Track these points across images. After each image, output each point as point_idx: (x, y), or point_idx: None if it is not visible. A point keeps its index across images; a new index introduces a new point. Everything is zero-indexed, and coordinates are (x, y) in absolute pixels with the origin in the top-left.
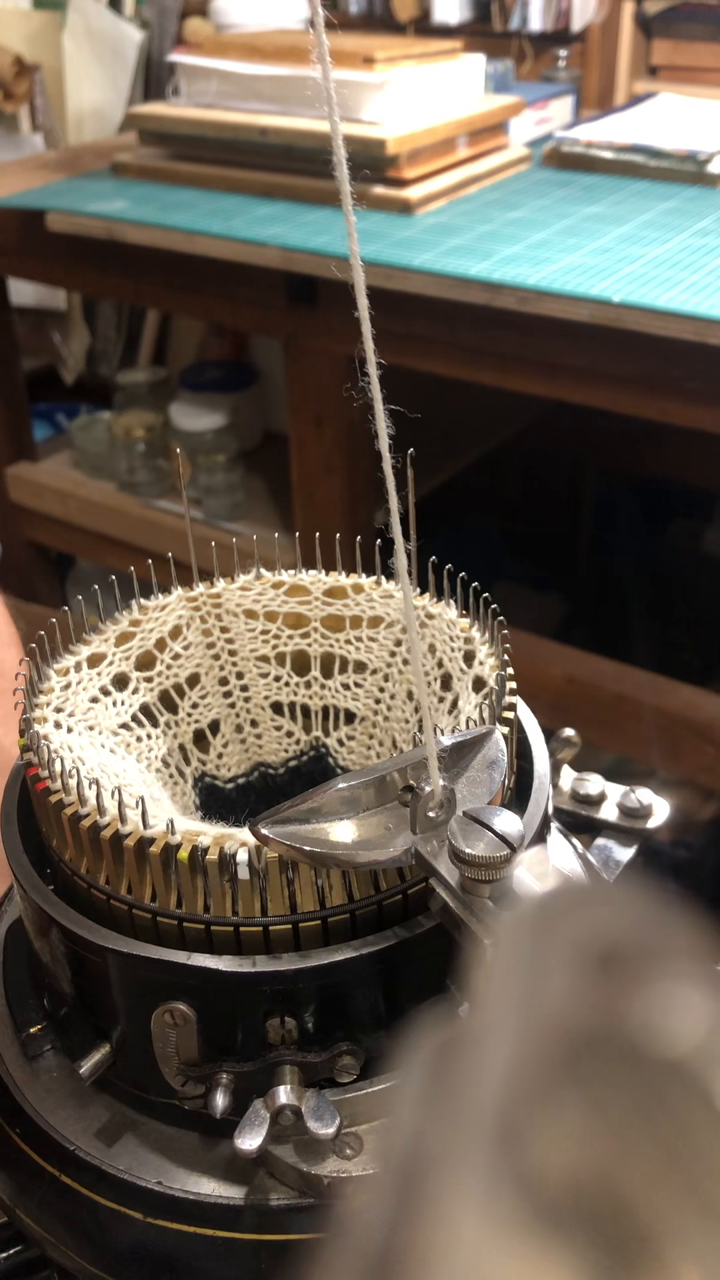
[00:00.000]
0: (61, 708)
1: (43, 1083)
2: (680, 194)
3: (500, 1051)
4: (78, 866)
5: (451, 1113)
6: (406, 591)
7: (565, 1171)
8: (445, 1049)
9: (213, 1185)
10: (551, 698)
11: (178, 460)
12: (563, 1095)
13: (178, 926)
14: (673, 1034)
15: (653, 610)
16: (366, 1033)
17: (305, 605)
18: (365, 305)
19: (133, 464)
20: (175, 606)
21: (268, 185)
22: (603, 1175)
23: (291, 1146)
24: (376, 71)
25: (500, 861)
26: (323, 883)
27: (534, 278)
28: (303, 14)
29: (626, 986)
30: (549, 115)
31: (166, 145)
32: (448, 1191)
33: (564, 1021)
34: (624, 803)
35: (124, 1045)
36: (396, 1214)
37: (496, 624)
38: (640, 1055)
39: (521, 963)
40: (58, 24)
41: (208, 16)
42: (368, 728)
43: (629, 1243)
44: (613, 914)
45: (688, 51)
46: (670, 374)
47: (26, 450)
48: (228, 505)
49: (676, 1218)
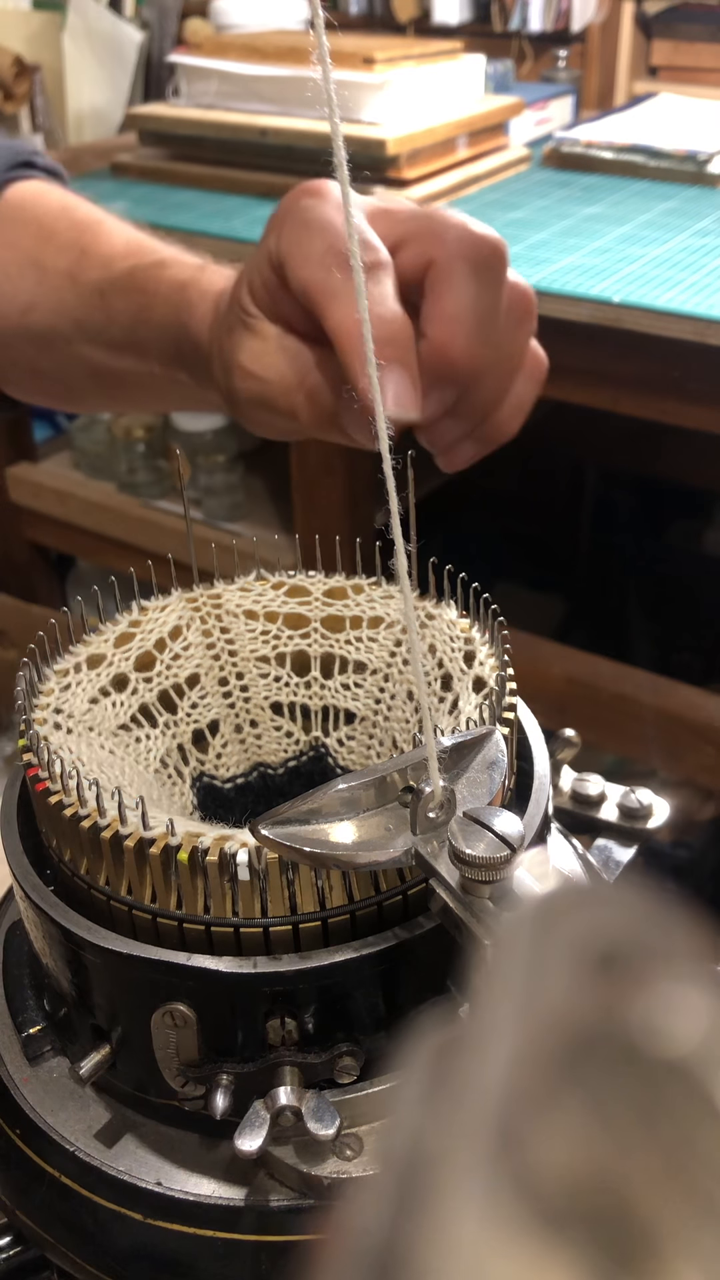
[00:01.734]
0: (61, 708)
1: (43, 1083)
2: (680, 194)
3: (500, 1052)
4: (78, 867)
5: (451, 1113)
6: (406, 592)
7: (565, 1172)
8: (445, 1050)
9: (213, 1186)
10: (551, 698)
11: (178, 461)
12: (563, 1096)
13: (178, 927)
14: (673, 1034)
15: (653, 610)
16: (367, 1033)
17: (305, 606)
18: (365, 306)
19: (133, 464)
20: (175, 607)
21: (268, 186)
22: (603, 1176)
23: (292, 1147)
24: (376, 72)
25: (500, 862)
26: (323, 883)
27: (534, 278)
28: (303, 14)
29: (627, 987)
30: (549, 115)
31: (166, 146)
32: (448, 1192)
33: (564, 1022)
34: (624, 803)
35: (124, 1046)
36: (397, 1215)
37: (496, 624)
38: (640, 1056)
39: (522, 963)
40: (58, 24)
41: (208, 17)
42: (368, 728)
43: (629, 1243)
44: (613, 914)
45: (688, 51)
46: (670, 374)
47: (26, 450)
48: (228, 506)
49: (676, 1218)
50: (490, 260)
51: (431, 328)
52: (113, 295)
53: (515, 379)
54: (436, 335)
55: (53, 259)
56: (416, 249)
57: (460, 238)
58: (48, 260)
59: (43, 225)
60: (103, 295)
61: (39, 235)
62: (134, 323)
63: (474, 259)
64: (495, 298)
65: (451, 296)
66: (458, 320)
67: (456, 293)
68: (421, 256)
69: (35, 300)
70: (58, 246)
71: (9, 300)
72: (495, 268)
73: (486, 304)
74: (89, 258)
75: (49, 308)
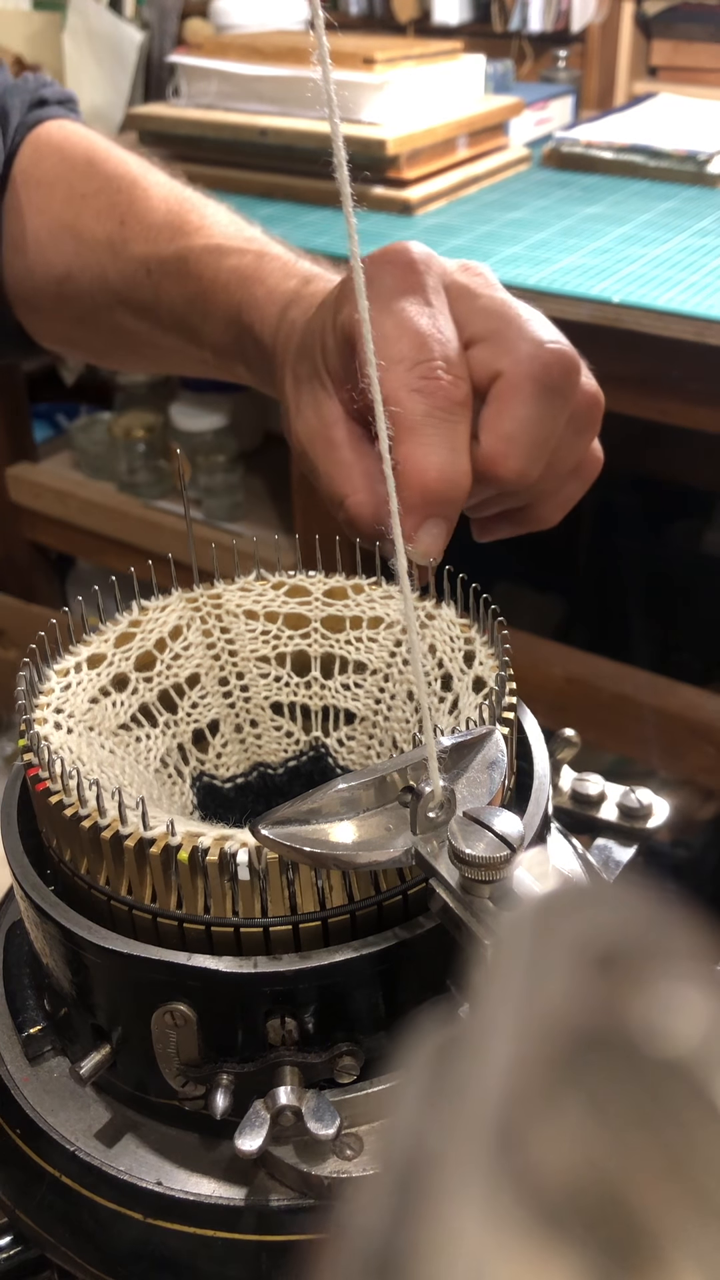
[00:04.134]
0: (61, 708)
1: (43, 1083)
2: (680, 194)
3: (500, 1052)
4: (78, 867)
5: (452, 1113)
6: (406, 592)
7: (565, 1172)
8: (445, 1049)
9: (213, 1186)
10: (551, 698)
11: (178, 461)
12: (563, 1095)
13: (178, 927)
14: (672, 1034)
15: (652, 610)
16: (367, 1033)
17: (305, 606)
18: (365, 307)
19: (133, 464)
20: (175, 607)
21: (268, 186)
22: (603, 1175)
23: (292, 1147)
24: (376, 72)
25: (500, 862)
26: (323, 883)
27: (534, 278)
28: (303, 15)
29: (626, 987)
30: (549, 116)
31: (166, 146)
32: (448, 1192)
33: (564, 1022)
34: (624, 803)
35: (124, 1046)
36: (397, 1215)
37: (496, 624)
38: (640, 1055)
39: (521, 963)
40: (58, 24)
41: (208, 17)
42: (368, 728)
43: (629, 1243)
44: (613, 914)
45: (687, 52)
46: (670, 374)
47: (26, 451)
48: (228, 506)
49: (676, 1218)
50: (559, 383)
51: (487, 439)
52: (162, 276)
53: (568, 482)
54: (490, 449)
55: (90, 226)
56: (488, 354)
57: (533, 355)
58: (84, 227)
59: (73, 186)
60: (149, 273)
61: (70, 197)
62: (187, 308)
63: (543, 380)
64: (558, 418)
65: (512, 416)
66: (514, 441)
67: (518, 413)
68: (490, 366)
69: (72, 269)
70: (94, 212)
71: (45, 268)
72: (564, 390)
73: (549, 427)
74: (128, 227)
75: (89, 278)
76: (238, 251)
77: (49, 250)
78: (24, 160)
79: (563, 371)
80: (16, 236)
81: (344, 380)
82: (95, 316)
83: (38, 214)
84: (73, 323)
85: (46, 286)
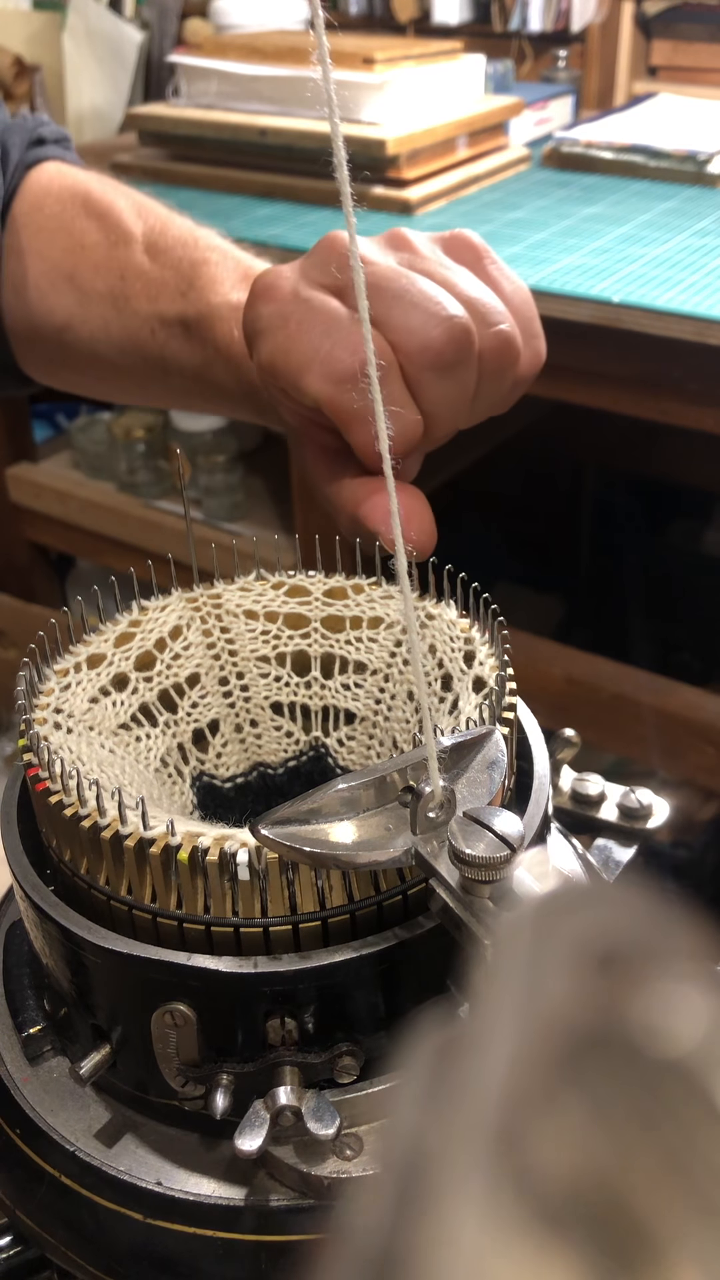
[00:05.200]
0: (61, 708)
1: (43, 1083)
2: (680, 194)
3: (500, 1052)
4: (78, 867)
5: (452, 1113)
6: (406, 592)
7: (565, 1172)
8: (445, 1049)
9: (213, 1186)
10: (551, 698)
11: (178, 460)
12: (563, 1096)
13: (178, 927)
14: (673, 1034)
15: (652, 610)
16: (367, 1033)
17: (305, 606)
18: (365, 307)
19: (133, 464)
20: (175, 607)
21: (267, 186)
22: (603, 1176)
23: (291, 1147)
24: (376, 72)
25: (500, 862)
26: (323, 883)
27: (534, 278)
28: (303, 14)
29: (626, 987)
30: (549, 115)
31: (166, 146)
32: (448, 1192)
33: (564, 1022)
34: (624, 803)
35: (124, 1046)
36: (397, 1215)
37: (496, 624)
38: (640, 1055)
39: (521, 963)
40: (58, 24)
41: (208, 17)
42: (368, 728)
43: (629, 1243)
44: (613, 914)
45: (687, 52)
46: (670, 374)
47: (26, 450)
48: (228, 505)
49: (676, 1218)
50: (454, 359)
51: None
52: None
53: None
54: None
55: (90, 280)
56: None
57: (423, 346)
58: (84, 280)
59: (71, 236)
60: (154, 332)
61: (69, 247)
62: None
63: (437, 365)
64: (467, 382)
65: (422, 398)
66: (433, 416)
67: (426, 395)
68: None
69: (73, 320)
70: (93, 265)
71: (44, 315)
72: (462, 360)
73: (458, 392)
74: (129, 283)
75: (90, 330)
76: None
77: (50, 298)
78: (24, 202)
79: (455, 349)
80: (17, 279)
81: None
82: (98, 364)
83: (38, 259)
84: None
85: (47, 333)
